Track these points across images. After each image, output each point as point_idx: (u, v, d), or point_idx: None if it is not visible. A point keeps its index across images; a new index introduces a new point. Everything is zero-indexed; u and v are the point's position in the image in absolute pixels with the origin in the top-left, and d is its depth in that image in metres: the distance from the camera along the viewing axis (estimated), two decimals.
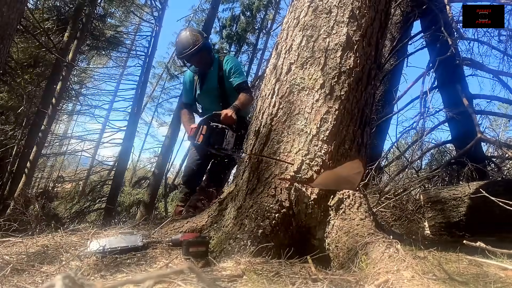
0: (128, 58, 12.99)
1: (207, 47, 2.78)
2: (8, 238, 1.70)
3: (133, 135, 9.79)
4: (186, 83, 2.94)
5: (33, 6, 7.83)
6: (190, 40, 2.67)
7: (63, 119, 13.14)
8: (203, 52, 2.71)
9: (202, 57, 2.74)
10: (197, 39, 2.69)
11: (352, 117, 1.70)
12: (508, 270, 1.16)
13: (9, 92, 7.32)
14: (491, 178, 3.69)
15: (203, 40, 2.72)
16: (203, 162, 2.78)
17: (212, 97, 2.82)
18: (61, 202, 9.02)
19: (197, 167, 2.77)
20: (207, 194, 2.61)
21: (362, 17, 1.77)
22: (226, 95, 2.78)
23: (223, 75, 2.75)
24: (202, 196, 2.60)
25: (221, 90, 2.78)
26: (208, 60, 2.77)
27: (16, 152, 7.12)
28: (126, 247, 1.55)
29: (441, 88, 4.58)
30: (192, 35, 2.70)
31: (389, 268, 1.12)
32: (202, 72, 2.82)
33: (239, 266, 1.32)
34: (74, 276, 0.44)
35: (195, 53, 2.67)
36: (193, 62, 2.78)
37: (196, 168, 2.77)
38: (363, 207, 1.53)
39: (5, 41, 3.32)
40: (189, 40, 2.67)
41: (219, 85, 2.77)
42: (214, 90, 2.79)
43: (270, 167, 1.65)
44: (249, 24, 11.94)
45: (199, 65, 2.79)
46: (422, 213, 2.73)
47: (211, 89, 2.80)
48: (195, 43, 2.66)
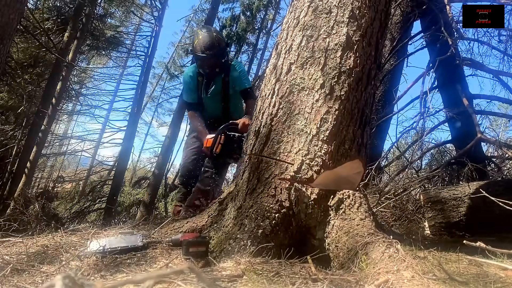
0: (128, 58, 13.01)
1: (226, 54, 2.74)
2: (8, 238, 1.70)
3: (133, 135, 9.79)
4: (189, 82, 2.83)
5: (33, 6, 7.83)
6: (216, 42, 2.60)
7: (63, 119, 13.14)
8: (221, 58, 2.66)
9: (218, 63, 2.67)
10: (221, 43, 2.64)
11: (352, 117, 1.70)
12: (508, 270, 1.16)
13: (9, 92, 7.32)
14: (491, 178, 3.69)
15: (225, 46, 2.69)
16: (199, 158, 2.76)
17: (215, 101, 2.81)
18: (61, 202, 9.02)
19: (194, 165, 2.76)
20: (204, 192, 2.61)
21: (362, 17, 1.77)
22: (227, 99, 2.79)
23: (229, 81, 2.73)
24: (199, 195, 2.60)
25: (224, 94, 2.77)
26: (220, 66, 2.71)
27: (16, 152, 7.12)
28: (126, 247, 1.55)
29: (441, 88, 4.58)
30: (218, 38, 2.64)
31: (389, 268, 1.12)
32: (209, 76, 2.76)
33: (239, 266, 1.32)
34: (74, 276, 0.44)
35: (216, 57, 2.60)
36: (208, 64, 2.68)
37: (193, 167, 2.76)
38: (363, 207, 1.53)
39: (5, 41, 3.32)
40: (213, 42, 2.59)
41: (223, 89, 2.76)
42: (218, 94, 2.77)
43: (270, 167, 1.65)
44: (249, 24, 11.94)
45: (212, 68, 2.70)
46: (422, 213, 2.73)
47: (216, 93, 2.77)
48: (219, 46, 2.60)
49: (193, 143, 2.87)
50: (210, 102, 2.83)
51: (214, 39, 2.61)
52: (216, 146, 2.19)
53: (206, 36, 2.61)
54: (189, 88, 2.83)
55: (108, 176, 11.15)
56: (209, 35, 2.62)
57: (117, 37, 10.03)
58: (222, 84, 2.76)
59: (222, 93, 2.78)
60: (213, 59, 2.63)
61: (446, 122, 4.48)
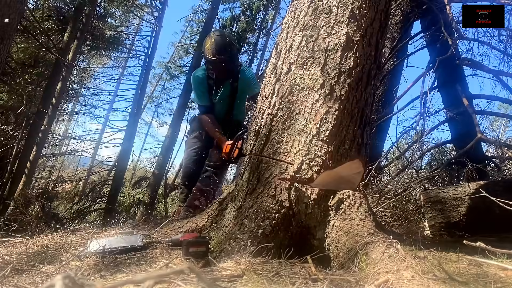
0: (128, 58, 12.98)
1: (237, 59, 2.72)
2: (8, 238, 1.70)
3: (133, 135, 9.80)
4: (199, 84, 2.77)
5: (33, 6, 7.83)
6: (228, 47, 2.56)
7: (63, 119, 13.13)
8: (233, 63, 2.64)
9: (229, 68, 2.64)
10: (233, 48, 2.61)
11: (352, 117, 1.70)
12: (508, 270, 1.16)
13: (9, 92, 7.32)
14: (491, 178, 3.69)
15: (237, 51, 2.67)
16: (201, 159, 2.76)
17: (222, 105, 2.80)
18: (61, 202, 9.03)
19: (196, 165, 2.76)
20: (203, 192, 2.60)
21: (362, 17, 1.77)
22: (233, 103, 2.80)
23: (237, 86, 2.73)
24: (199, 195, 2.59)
25: (232, 99, 2.77)
26: (231, 71, 2.69)
27: (16, 152, 7.12)
28: (126, 247, 1.55)
29: (441, 88, 4.58)
30: (230, 42, 2.61)
31: (389, 268, 1.12)
32: (219, 80, 2.73)
33: (239, 266, 1.32)
34: (74, 276, 0.44)
35: (227, 62, 2.57)
36: (219, 68, 2.64)
37: (195, 168, 2.76)
38: (363, 207, 1.53)
39: (5, 41, 3.32)
40: (226, 47, 2.55)
41: (231, 94, 2.76)
42: (226, 98, 2.77)
43: (270, 167, 1.65)
44: (249, 24, 11.94)
45: (222, 73, 2.67)
46: (422, 213, 2.74)
47: (224, 97, 2.77)
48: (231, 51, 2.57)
49: (194, 143, 2.86)
50: (217, 105, 2.81)
51: (226, 43, 2.57)
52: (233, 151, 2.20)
53: (219, 40, 2.57)
54: (201, 91, 2.78)
55: (108, 176, 11.15)
56: (222, 39, 2.58)
57: (117, 37, 10.03)
58: (231, 89, 2.75)
59: (230, 97, 2.77)
60: (224, 64, 2.59)
61: (446, 122, 4.48)
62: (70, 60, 7.50)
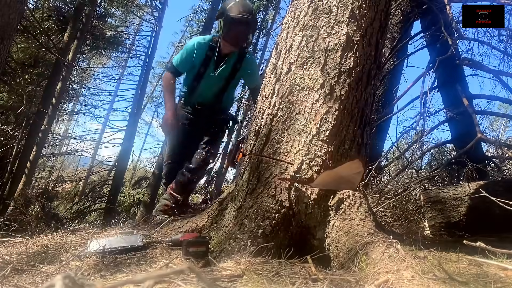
0: (128, 58, 12.99)
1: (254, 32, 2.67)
2: (8, 238, 1.70)
3: (133, 135, 9.81)
4: (193, 51, 2.56)
5: (33, 6, 7.83)
6: (253, 10, 2.50)
7: (63, 119, 13.14)
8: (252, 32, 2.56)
9: (247, 35, 2.51)
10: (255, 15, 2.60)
11: (352, 117, 1.70)
12: (508, 270, 1.16)
13: (9, 92, 7.32)
14: (491, 178, 3.69)
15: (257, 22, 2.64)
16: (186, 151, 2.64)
17: (216, 83, 2.63)
18: (61, 202, 9.03)
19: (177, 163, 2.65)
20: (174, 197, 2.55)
21: (362, 17, 1.77)
22: (227, 86, 2.67)
23: (239, 68, 2.60)
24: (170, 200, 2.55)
25: (226, 81, 2.63)
26: (246, 43, 2.57)
27: (16, 152, 7.13)
28: (126, 247, 1.55)
29: (441, 88, 4.58)
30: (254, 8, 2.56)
31: (389, 268, 1.12)
32: (223, 54, 2.57)
33: (239, 266, 1.32)
34: (74, 276, 0.44)
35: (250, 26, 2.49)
36: (239, 30, 2.45)
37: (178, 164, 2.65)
38: (363, 207, 1.53)
39: (5, 41, 3.32)
40: (252, 9, 2.50)
41: (231, 73, 2.61)
42: (224, 76, 2.61)
43: (270, 167, 1.65)
44: None
45: (239, 40, 2.51)
46: (422, 213, 2.73)
47: (223, 75, 2.60)
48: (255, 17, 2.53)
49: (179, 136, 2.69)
50: (210, 83, 2.62)
51: (251, 6, 2.53)
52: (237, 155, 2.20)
53: (245, 1, 2.50)
54: (189, 55, 2.58)
55: (108, 176, 11.15)
56: (247, 2, 2.54)
57: (117, 37, 10.03)
58: (231, 70, 2.60)
59: (226, 79, 2.62)
60: (246, 26, 2.46)
61: (446, 122, 4.49)
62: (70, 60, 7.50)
